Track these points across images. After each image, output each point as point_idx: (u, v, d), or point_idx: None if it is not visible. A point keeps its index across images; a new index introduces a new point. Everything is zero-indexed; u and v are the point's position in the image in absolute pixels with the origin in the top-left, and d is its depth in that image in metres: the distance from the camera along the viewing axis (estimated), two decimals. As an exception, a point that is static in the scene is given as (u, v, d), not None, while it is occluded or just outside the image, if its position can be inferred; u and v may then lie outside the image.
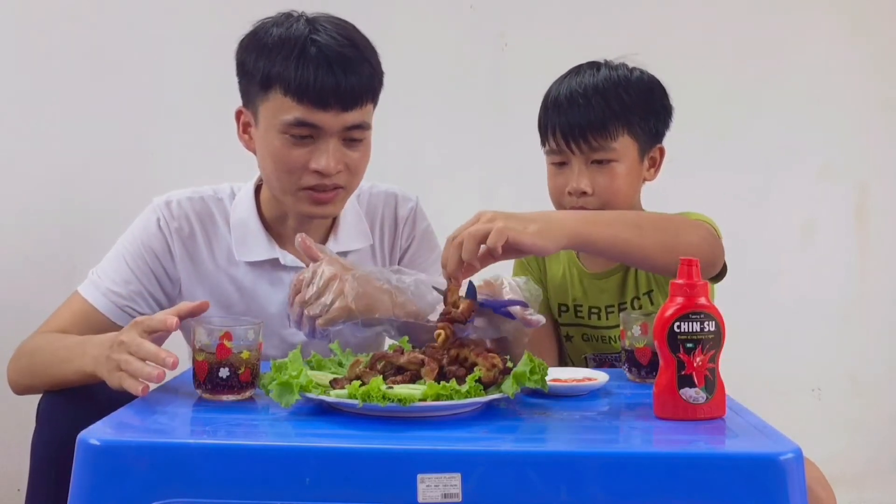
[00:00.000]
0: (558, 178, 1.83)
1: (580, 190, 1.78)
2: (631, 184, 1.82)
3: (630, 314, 1.59)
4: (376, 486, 1.11)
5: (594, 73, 1.83)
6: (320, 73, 1.62)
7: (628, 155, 1.80)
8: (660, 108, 1.84)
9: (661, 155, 1.87)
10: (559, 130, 1.80)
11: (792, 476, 1.11)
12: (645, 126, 1.81)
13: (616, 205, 1.79)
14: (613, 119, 1.78)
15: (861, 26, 2.83)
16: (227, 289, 1.77)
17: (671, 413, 1.28)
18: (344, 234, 1.82)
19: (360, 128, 1.68)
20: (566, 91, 1.82)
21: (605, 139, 1.77)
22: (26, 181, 2.58)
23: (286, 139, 1.66)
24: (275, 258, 1.77)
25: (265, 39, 1.67)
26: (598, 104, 1.78)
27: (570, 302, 1.90)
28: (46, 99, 2.58)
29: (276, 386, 1.27)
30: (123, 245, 1.75)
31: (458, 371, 1.33)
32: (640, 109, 1.80)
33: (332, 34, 1.65)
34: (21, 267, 2.56)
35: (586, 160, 1.79)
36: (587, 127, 1.77)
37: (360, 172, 1.74)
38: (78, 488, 1.13)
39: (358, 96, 1.65)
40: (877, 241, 2.87)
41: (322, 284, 1.52)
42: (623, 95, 1.80)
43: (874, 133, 2.85)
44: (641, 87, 1.83)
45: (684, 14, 2.78)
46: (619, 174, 1.79)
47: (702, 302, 1.28)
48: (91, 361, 1.47)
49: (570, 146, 1.79)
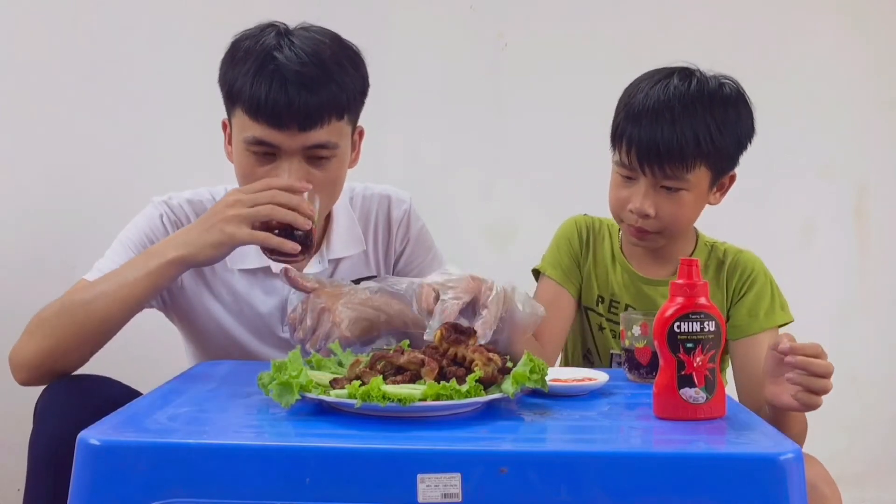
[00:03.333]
0: (622, 191, 1.73)
1: (643, 212, 1.70)
2: (695, 211, 1.76)
3: (630, 314, 1.59)
4: (376, 486, 1.11)
5: (685, 85, 1.70)
6: (272, 91, 1.58)
7: (700, 185, 1.71)
8: (744, 137, 1.74)
9: (732, 181, 1.79)
10: (634, 148, 1.68)
11: (792, 476, 1.11)
12: (725, 158, 1.72)
13: (676, 229, 1.75)
14: (695, 153, 1.67)
15: (861, 26, 2.83)
16: (221, 291, 1.77)
17: (671, 413, 1.28)
18: (337, 241, 1.82)
19: (323, 147, 1.64)
20: (652, 102, 1.69)
21: (681, 170, 1.67)
22: (26, 181, 2.58)
23: (250, 156, 1.64)
24: (266, 266, 1.77)
25: (235, 52, 1.65)
26: (682, 131, 1.66)
27: (608, 296, 1.86)
28: (46, 99, 2.58)
29: (276, 386, 1.27)
30: (127, 236, 1.75)
31: (458, 371, 1.33)
32: (723, 142, 1.69)
33: (298, 50, 1.61)
34: (21, 267, 2.56)
35: (655, 183, 1.69)
36: (665, 154, 1.66)
37: (328, 192, 1.69)
38: (78, 488, 1.13)
39: (316, 116, 1.60)
40: (877, 241, 2.87)
41: (314, 320, 1.55)
42: (710, 125, 1.67)
43: (874, 133, 2.85)
44: (729, 113, 1.71)
45: (684, 14, 2.78)
46: (686, 203, 1.71)
47: (702, 302, 1.28)
48: (181, 243, 1.53)
49: (643, 168, 1.69)
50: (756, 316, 1.79)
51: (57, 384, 1.56)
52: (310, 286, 1.60)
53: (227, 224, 1.54)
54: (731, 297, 1.82)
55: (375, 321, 1.58)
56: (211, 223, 1.55)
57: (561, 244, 1.90)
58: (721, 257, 1.84)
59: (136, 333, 1.83)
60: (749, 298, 1.80)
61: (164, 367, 1.68)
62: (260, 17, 1.74)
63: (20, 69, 2.57)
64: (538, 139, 2.74)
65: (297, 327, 1.58)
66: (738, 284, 1.82)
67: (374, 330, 1.58)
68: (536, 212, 2.72)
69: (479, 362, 1.32)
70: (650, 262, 1.85)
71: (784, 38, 2.82)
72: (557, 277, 1.86)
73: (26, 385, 1.62)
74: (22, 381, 1.62)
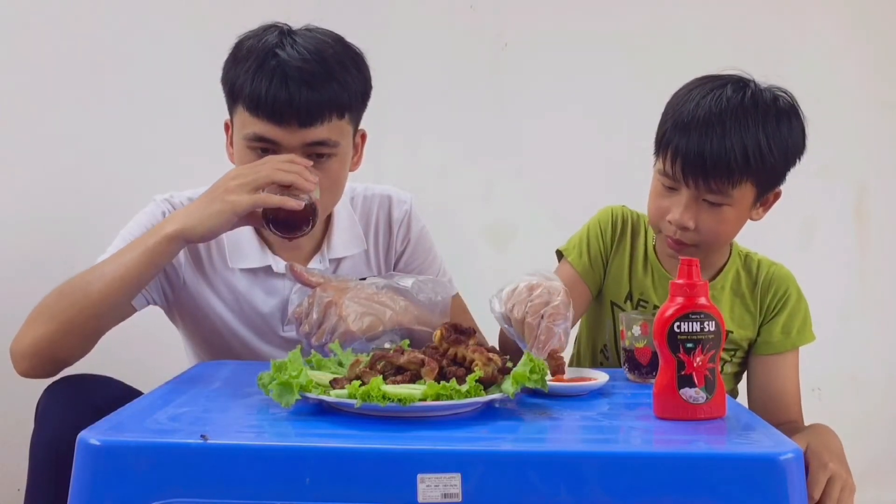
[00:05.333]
0: (663, 201, 1.68)
1: (683, 225, 1.64)
2: (736, 227, 1.71)
3: (630, 314, 1.59)
4: (376, 486, 1.11)
5: (738, 96, 1.64)
6: (273, 87, 1.59)
7: (743, 201, 1.66)
8: (794, 153, 1.68)
9: (776, 198, 1.74)
10: (680, 160, 1.62)
11: (792, 476, 1.11)
12: (772, 174, 1.67)
13: (715, 245, 1.71)
14: (743, 168, 1.61)
15: (862, 26, 2.83)
16: (223, 290, 1.77)
17: (671, 413, 1.28)
18: (338, 241, 1.82)
19: (324, 145, 1.65)
20: (703, 112, 1.62)
21: (727, 185, 1.62)
22: (26, 181, 2.58)
23: (251, 154, 1.65)
24: (267, 265, 1.77)
25: (238, 52, 1.67)
26: (731, 146, 1.60)
27: (637, 294, 1.82)
28: (45, 99, 2.58)
29: (276, 386, 1.27)
30: (129, 232, 1.75)
31: (458, 371, 1.33)
32: (773, 158, 1.63)
33: (300, 48, 1.62)
34: (20, 267, 2.56)
35: (698, 196, 1.64)
36: (711, 168, 1.60)
37: (330, 192, 1.70)
38: (78, 488, 1.13)
39: (317, 112, 1.61)
40: (877, 241, 2.86)
41: (320, 314, 1.55)
42: (760, 140, 1.61)
43: (874, 133, 2.85)
44: (782, 128, 1.64)
45: (684, 14, 2.77)
46: (727, 219, 1.66)
47: (702, 302, 1.28)
48: (181, 217, 1.54)
49: (687, 180, 1.63)
50: (789, 334, 1.79)
51: (57, 384, 1.56)
52: (315, 281, 1.61)
53: (229, 193, 1.55)
54: (764, 313, 1.80)
55: (381, 316, 1.59)
56: (212, 196, 1.57)
57: (592, 232, 1.84)
58: (755, 270, 1.82)
59: (136, 333, 1.84)
60: (783, 317, 1.79)
61: (164, 367, 1.68)
62: (260, 17, 1.74)
63: (20, 69, 2.57)
64: (538, 139, 2.74)
65: (303, 321, 1.58)
66: (772, 301, 1.80)
67: (379, 325, 1.58)
68: (536, 212, 2.72)
69: (479, 362, 1.32)
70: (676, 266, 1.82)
71: (784, 38, 2.81)
72: (579, 268, 1.81)
73: (28, 376, 1.60)
74: (23, 372, 1.60)
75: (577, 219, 1.91)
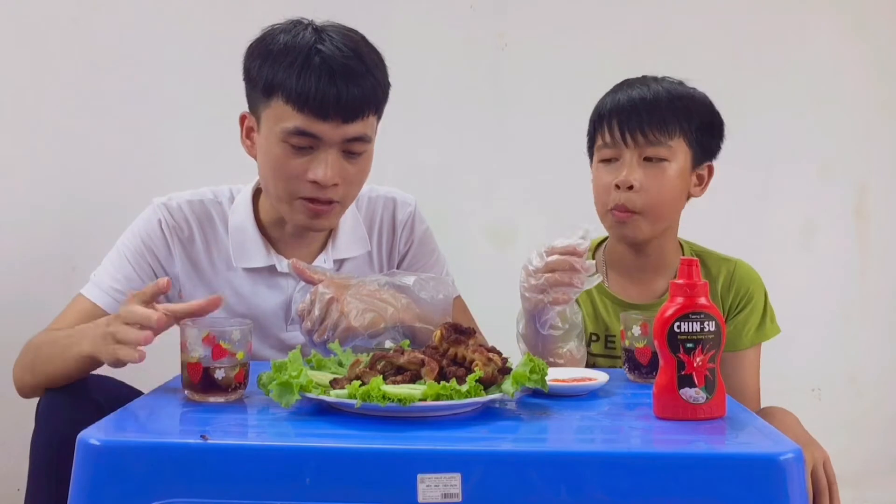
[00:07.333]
0: (606, 176, 1.79)
1: (628, 182, 1.74)
2: (678, 191, 1.79)
3: (630, 314, 1.59)
4: (376, 486, 1.11)
5: (651, 82, 1.81)
6: (322, 83, 1.60)
7: (680, 159, 1.77)
8: (717, 124, 1.83)
9: (710, 174, 1.85)
10: (616, 120, 1.77)
11: (792, 476, 1.11)
12: (701, 138, 1.80)
13: (659, 209, 1.77)
14: (673, 118, 1.76)
15: (862, 26, 2.83)
16: (226, 292, 1.77)
17: (671, 413, 1.28)
18: (342, 241, 1.82)
19: (360, 140, 1.67)
20: (624, 97, 1.79)
21: (663, 134, 1.75)
22: (27, 181, 2.58)
23: (286, 147, 1.65)
24: (272, 265, 1.77)
25: (271, 46, 1.66)
26: (657, 91, 1.77)
27: (602, 332, 1.86)
28: (47, 98, 2.58)
29: (276, 386, 1.27)
30: (124, 244, 1.76)
31: (458, 371, 1.33)
32: (698, 119, 1.79)
33: (338, 44, 1.64)
34: (22, 266, 2.56)
35: (640, 154, 1.76)
36: (646, 120, 1.75)
37: (356, 186, 1.73)
38: (78, 488, 1.13)
39: (359, 108, 1.64)
40: (877, 242, 2.86)
41: (323, 310, 1.55)
42: (686, 101, 1.78)
43: (874, 133, 2.85)
44: (700, 99, 1.82)
45: (684, 14, 2.77)
46: (669, 175, 1.76)
47: (702, 302, 1.28)
48: (89, 343, 1.47)
49: (626, 137, 1.76)
50: (749, 333, 1.82)
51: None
52: (317, 278, 1.62)
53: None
54: (726, 312, 1.83)
55: (383, 313, 1.59)
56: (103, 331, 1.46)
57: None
58: (715, 269, 1.85)
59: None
60: (743, 315, 1.83)
61: (165, 367, 1.68)
62: (260, 17, 1.74)
63: (21, 69, 2.57)
64: (538, 139, 2.74)
65: (305, 318, 1.58)
66: (734, 301, 1.84)
67: (381, 322, 1.59)
68: (536, 212, 2.72)
69: (479, 362, 1.32)
70: (630, 285, 1.85)
71: (784, 38, 2.81)
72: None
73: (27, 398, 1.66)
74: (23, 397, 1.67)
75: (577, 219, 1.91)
